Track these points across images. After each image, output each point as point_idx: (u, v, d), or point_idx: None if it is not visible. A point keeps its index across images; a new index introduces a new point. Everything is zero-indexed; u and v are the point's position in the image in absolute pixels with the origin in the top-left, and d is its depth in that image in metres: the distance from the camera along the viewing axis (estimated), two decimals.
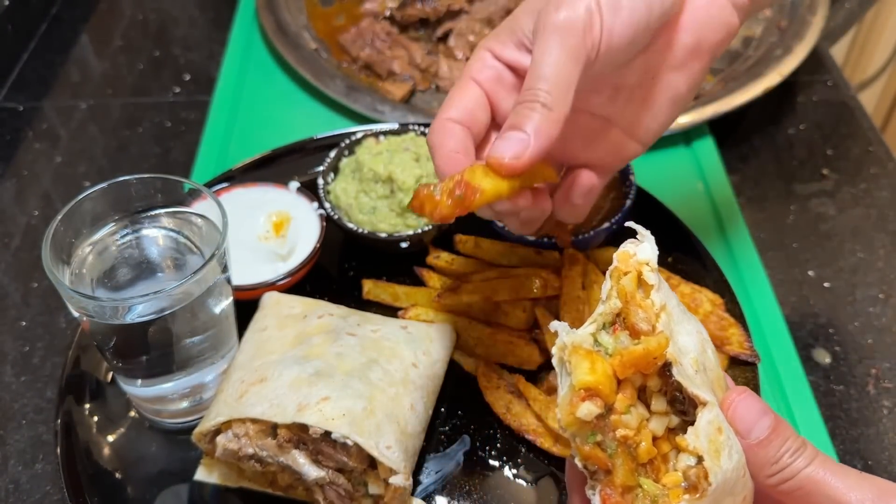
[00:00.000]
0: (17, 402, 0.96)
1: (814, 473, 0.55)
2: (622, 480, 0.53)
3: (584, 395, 0.52)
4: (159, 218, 0.85)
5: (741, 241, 1.10)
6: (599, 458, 0.53)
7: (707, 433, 0.52)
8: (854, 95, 1.36)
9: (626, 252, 0.58)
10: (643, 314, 0.54)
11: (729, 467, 0.52)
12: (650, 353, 0.52)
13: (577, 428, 0.53)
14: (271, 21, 1.45)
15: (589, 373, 0.52)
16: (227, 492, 0.83)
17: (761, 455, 0.56)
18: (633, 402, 0.53)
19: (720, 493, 0.53)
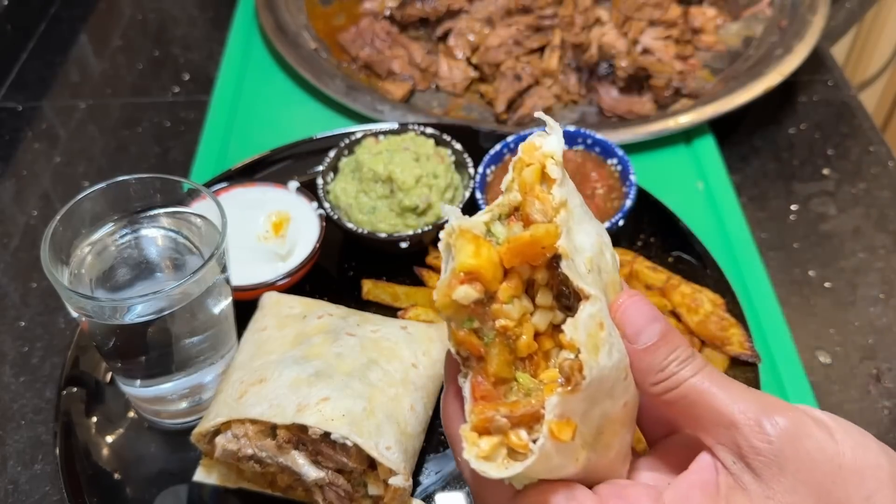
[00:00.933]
0: (17, 402, 0.95)
1: (699, 384, 0.53)
2: (495, 370, 0.51)
3: (464, 278, 0.50)
4: (158, 218, 0.84)
5: (742, 240, 1.10)
6: (473, 344, 0.51)
7: (587, 327, 0.50)
8: (855, 95, 1.35)
9: (531, 143, 0.54)
10: (539, 206, 0.52)
11: (607, 364, 0.50)
12: (538, 240, 0.50)
13: (453, 312, 0.51)
14: (271, 20, 1.45)
15: (472, 256, 0.50)
16: (227, 492, 0.83)
17: (647, 361, 0.54)
18: (517, 294, 0.51)
19: (598, 392, 0.51)
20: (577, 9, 1.42)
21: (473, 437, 0.50)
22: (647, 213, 1.05)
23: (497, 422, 0.49)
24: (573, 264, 0.51)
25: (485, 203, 1.01)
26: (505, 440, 0.50)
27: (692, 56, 1.39)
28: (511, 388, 0.51)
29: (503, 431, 0.50)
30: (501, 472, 0.49)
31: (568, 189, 0.54)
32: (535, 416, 0.50)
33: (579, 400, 0.50)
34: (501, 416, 0.49)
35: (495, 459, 0.50)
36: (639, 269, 0.95)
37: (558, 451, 0.50)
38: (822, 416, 0.53)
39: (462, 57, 1.40)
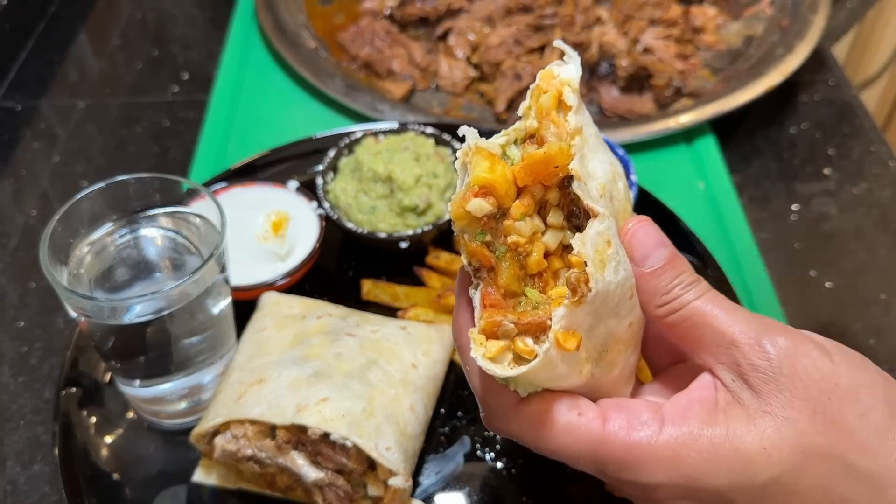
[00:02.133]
0: (15, 402, 0.95)
1: (702, 306, 0.55)
2: (505, 282, 0.53)
3: (478, 191, 0.52)
4: (157, 218, 0.84)
5: (743, 240, 1.09)
6: (484, 255, 0.53)
7: (595, 243, 0.51)
8: (856, 95, 1.35)
9: (549, 71, 0.56)
10: (555, 129, 0.54)
11: (613, 280, 0.52)
12: (551, 158, 0.52)
13: (467, 223, 0.53)
14: (270, 20, 1.44)
15: (487, 171, 0.52)
16: (226, 493, 0.83)
17: (653, 284, 0.56)
18: (529, 212, 0.53)
19: (603, 308, 0.53)
20: (578, 8, 1.42)
21: (482, 339, 0.52)
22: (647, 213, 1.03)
23: (504, 326, 0.52)
24: (585, 187, 0.52)
25: None
26: (511, 345, 0.52)
27: (693, 55, 1.39)
28: (520, 302, 0.53)
29: (510, 336, 0.52)
30: (506, 371, 0.51)
31: (584, 118, 0.55)
32: (541, 327, 0.52)
33: (585, 313, 0.52)
34: (509, 321, 0.52)
35: (501, 362, 0.52)
36: None
37: (563, 360, 0.52)
38: (822, 340, 0.55)
39: (462, 56, 1.40)
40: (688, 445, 0.52)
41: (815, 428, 0.51)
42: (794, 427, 0.51)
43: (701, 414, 0.53)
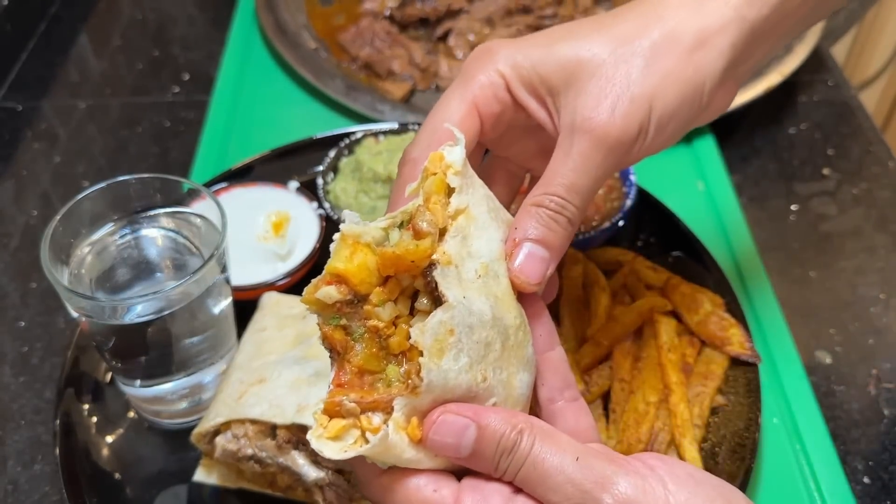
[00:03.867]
0: (16, 402, 0.95)
1: (531, 471, 0.53)
2: (360, 363, 0.54)
3: (330, 279, 0.55)
4: (158, 218, 0.84)
5: (742, 240, 1.10)
6: (334, 339, 0.55)
7: (435, 332, 0.52)
8: (855, 95, 1.35)
9: (439, 154, 0.58)
10: (429, 216, 0.55)
11: (452, 367, 0.52)
12: (403, 257, 0.53)
13: (319, 308, 0.55)
14: (270, 20, 1.45)
15: (343, 260, 0.54)
16: (227, 493, 0.83)
17: (481, 467, 0.54)
18: (390, 298, 0.54)
19: (451, 395, 0.53)
20: (578, 9, 1.42)
21: (323, 420, 0.54)
22: (647, 213, 1.05)
23: (345, 406, 0.53)
24: (455, 271, 0.54)
25: None
26: (357, 423, 0.53)
27: None
28: (379, 379, 0.54)
29: (354, 414, 0.53)
30: (338, 454, 0.52)
31: (472, 197, 0.57)
32: (388, 405, 0.53)
33: (427, 402, 0.53)
34: (350, 400, 0.53)
35: (344, 440, 0.53)
36: (639, 268, 0.95)
37: (409, 446, 0.53)
38: (655, 463, 0.53)
39: (462, 57, 1.40)
40: None
41: None
42: None
43: None
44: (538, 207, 0.60)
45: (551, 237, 0.60)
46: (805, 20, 0.69)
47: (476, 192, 0.58)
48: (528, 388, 0.59)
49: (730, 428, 0.83)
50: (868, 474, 0.87)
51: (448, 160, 0.57)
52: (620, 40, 0.62)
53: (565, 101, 0.62)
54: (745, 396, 0.85)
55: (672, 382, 0.84)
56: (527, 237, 0.59)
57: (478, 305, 0.54)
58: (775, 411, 0.92)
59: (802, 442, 0.89)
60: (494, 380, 0.56)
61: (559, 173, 0.61)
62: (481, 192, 0.59)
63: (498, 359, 0.56)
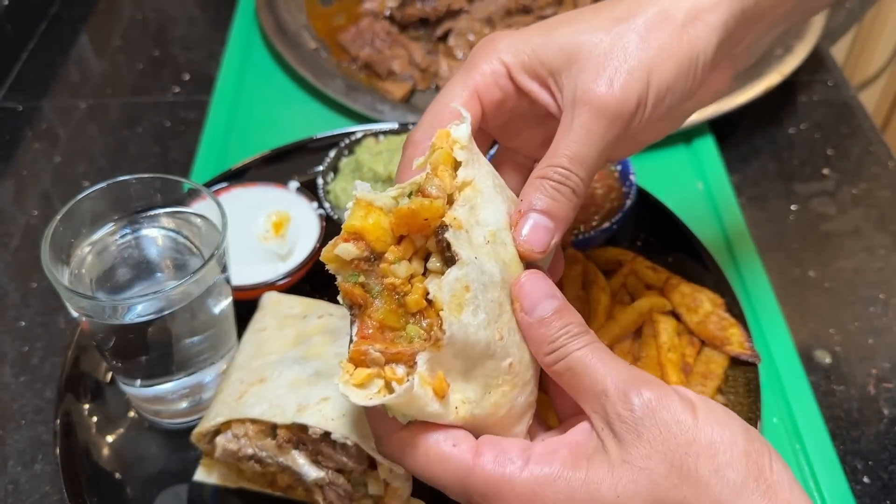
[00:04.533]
0: (17, 402, 0.95)
1: (583, 357, 0.57)
2: (381, 318, 0.56)
3: (348, 236, 0.57)
4: (159, 218, 0.84)
5: (741, 240, 1.10)
6: (355, 294, 0.57)
7: (452, 288, 0.54)
8: (854, 95, 1.35)
9: (445, 131, 0.61)
10: (438, 183, 0.57)
11: (472, 322, 0.55)
12: (417, 212, 0.56)
13: (338, 266, 0.58)
14: (271, 20, 1.45)
15: (359, 219, 0.57)
16: (227, 492, 0.83)
17: (541, 333, 0.58)
18: (404, 256, 0.57)
19: (470, 350, 0.55)
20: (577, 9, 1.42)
21: (349, 368, 0.55)
22: (647, 213, 1.05)
23: (371, 354, 0.55)
24: (466, 235, 0.56)
25: None
26: (381, 373, 0.55)
27: None
28: (400, 336, 0.56)
29: (379, 364, 0.55)
30: (363, 400, 0.54)
31: (478, 171, 0.60)
32: (413, 357, 0.54)
33: (450, 356, 0.54)
34: (375, 350, 0.55)
35: (369, 388, 0.55)
36: (639, 268, 0.95)
37: (433, 400, 0.54)
38: (692, 396, 0.56)
39: (462, 57, 1.40)
40: (546, 485, 0.54)
41: (669, 480, 0.52)
42: (649, 478, 0.53)
43: (566, 457, 0.55)
44: (542, 179, 0.62)
45: (555, 207, 0.62)
46: (799, 9, 0.71)
47: (482, 168, 0.61)
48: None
49: None
50: (868, 474, 0.87)
51: (454, 136, 0.60)
52: (616, 20, 0.65)
53: (567, 79, 0.64)
54: (744, 396, 0.85)
55: (672, 382, 0.84)
56: (532, 208, 0.62)
57: (488, 267, 0.56)
58: (775, 411, 0.92)
59: (802, 441, 0.89)
60: (509, 340, 0.58)
61: (562, 145, 0.63)
62: (486, 168, 0.62)
63: (511, 320, 0.58)
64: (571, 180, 0.62)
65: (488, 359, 0.57)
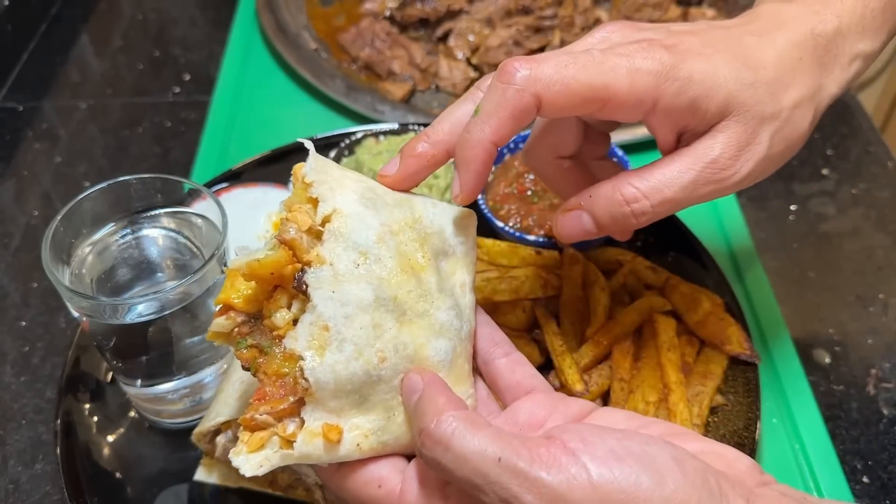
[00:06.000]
0: (17, 402, 0.95)
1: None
2: (274, 369, 0.56)
3: (219, 311, 0.58)
4: (159, 218, 0.84)
5: (741, 240, 1.10)
6: (246, 357, 0.57)
7: (309, 333, 0.54)
8: (854, 95, 1.36)
9: (299, 165, 0.61)
10: (291, 224, 0.57)
11: (339, 359, 0.55)
12: (261, 269, 0.56)
13: (223, 339, 0.59)
14: (271, 21, 1.45)
15: (225, 290, 0.58)
16: (227, 492, 0.83)
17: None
18: (281, 305, 0.57)
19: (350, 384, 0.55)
20: (577, 9, 1.43)
21: (245, 436, 0.56)
22: None
23: (258, 419, 0.55)
24: (329, 268, 0.56)
25: (485, 203, 1.02)
26: (275, 431, 0.55)
27: None
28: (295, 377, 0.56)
29: (270, 425, 0.55)
30: (254, 470, 0.55)
31: (342, 197, 0.59)
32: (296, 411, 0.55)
33: (328, 398, 0.55)
34: (261, 413, 0.55)
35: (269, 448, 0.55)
36: (638, 268, 0.95)
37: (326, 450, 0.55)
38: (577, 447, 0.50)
39: (462, 57, 1.40)
40: None
41: None
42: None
43: None
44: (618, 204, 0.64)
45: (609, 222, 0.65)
46: None
47: (344, 191, 0.60)
48: (448, 354, 0.60)
49: (729, 427, 0.83)
50: (867, 474, 0.87)
51: (301, 172, 0.60)
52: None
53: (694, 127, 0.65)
54: (744, 396, 0.85)
55: (671, 382, 0.84)
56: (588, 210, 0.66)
57: (354, 293, 0.56)
58: (774, 411, 0.92)
59: (801, 441, 0.89)
60: (396, 358, 0.57)
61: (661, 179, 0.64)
62: (352, 186, 0.60)
63: (397, 336, 0.57)
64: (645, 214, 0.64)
65: (377, 384, 0.56)
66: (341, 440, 0.55)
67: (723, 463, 0.53)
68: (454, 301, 0.62)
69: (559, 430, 0.52)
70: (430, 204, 0.65)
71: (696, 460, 0.51)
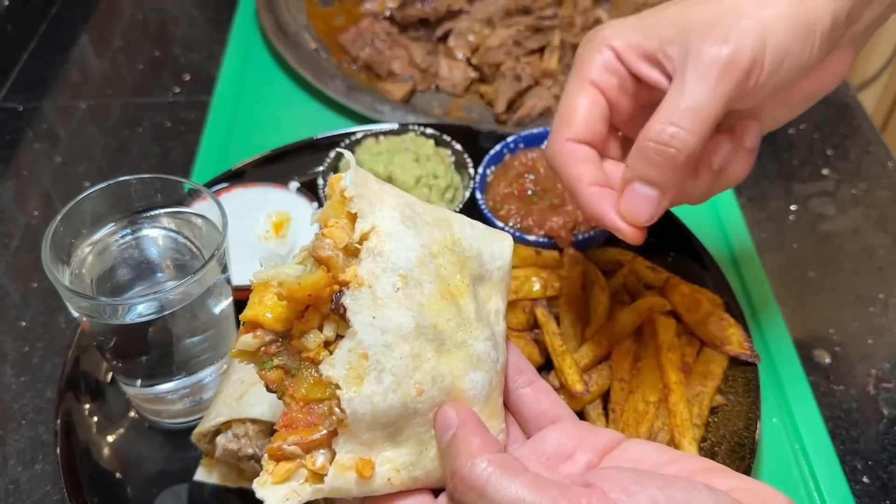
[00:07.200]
0: (17, 402, 0.95)
1: None
2: (305, 394, 0.54)
3: (246, 328, 0.55)
4: (159, 218, 0.84)
5: (741, 241, 1.10)
6: (271, 380, 0.55)
7: (347, 361, 0.52)
8: (854, 95, 1.35)
9: (337, 176, 0.57)
10: (327, 241, 0.54)
11: (377, 391, 0.52)
12: (297, 292, 0.53)
13: (248, 358, 0.56)
14: (271, 21, 1.45)
15: (253, 306, 0.55)
16: (227, 492, 0.83)
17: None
18: (312, 326, 0.54)
19: (386, 417, 0.53)
20: (577, 9, 1.43)
21: (270, 465, 0.53)
22: None
23: (286, 450, 0.53)
24: (369, 291, 0.53)
25: (485, 203, 1.02)
26: (303, 464, 0.53)
27: None
28: (330, 406, 0.54)
29: (297, 455, 0.53)
30: (280, 502, 0.52)
31: (381, 213, 0.55)
32: (328, 442, 0.53)
33: (362, 431, 0.52)
34: (290, 443, 0.53)
35: (294, 480, 0.53)
36: (638, 268, 0.95)
37: (357, 483, 0.53)
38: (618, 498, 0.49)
39: (462, 57, 1.40)
40: None
41: None
42: None
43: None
44: (646, 141, 0.61)
45: (657, 174, 0.60)
46: None
47: (384, 207, 0.56)
48: (484, 388, 0.57)
49: (729, 427, 0.83)
50: (867, 474, 0.87)
51: (341, 185, 0.56)
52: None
53: (679, 46, 0.62)
54: (744, 396, 0.85)
55: (671, 382, 0.84)
56: (633, 175, 0.60)
57: (395, 320, 0.53)
58: (774, 411, 0.92)
59: (802, 441, 0.89)
60: (434, 390, 0.54)
61: (673, 99, 0.61)
62: (392, 202, 0.57)
63: (435, 367, 0.55)
64: (678, 138, 0.60)
65: (412, 417, 0.54)
66: (372, 475, 0.53)
67: (757, 500, 0.50)
68: (490, 331, 0.59)
69: (598, 478, 0.50)
70: (468, 225, 0.62)
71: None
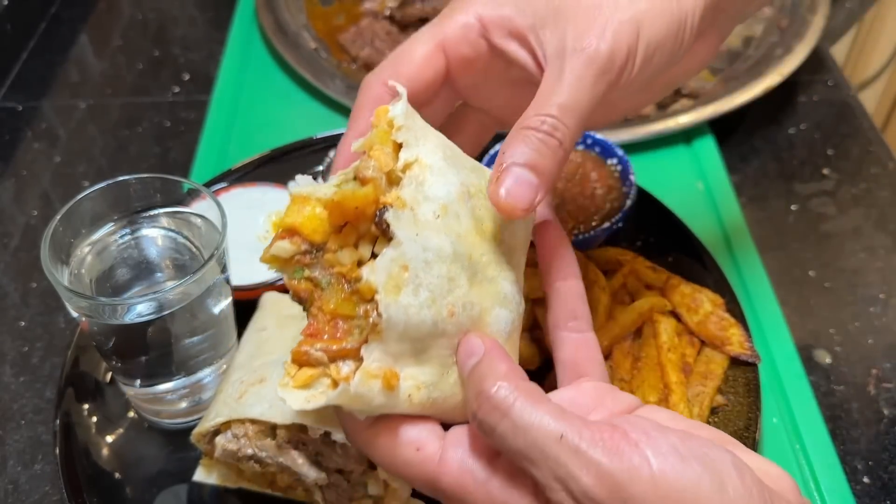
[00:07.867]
0: (16, 402, 0.95)
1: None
2: (334, 308, 0.54)
3: (282, 234, 0.56)
4: (158, 218, 0.84)
5: (741, 240, 1.10)
6: (301, 289, 0.55)
7: (388, 269, 0.52)
8: (854, 95, 1.35)
9: (384, 108, 0.58)
10: (373, 163, 0.55)
11: (413, 303, 0.52)
12: (344, 202, 0.54)
13: (280, 265, 0.57)
14: (271, 20, 1.45)
15: (293, 214, 0.56)
16: (227, 492, 0.83)
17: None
18: (348, 243, 0.55)
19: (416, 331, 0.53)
20: None
21: (292, 369, 0.54)
22: (647, 213, 1.05)
23: (312, 354, 0.53)
24: (411, 213, 0.54)
25: None
26: (326, 372, 0.53)
27: None
28: (356, 326, 0.54)
29: (322, 363, 0.53)
30: (301, 403, 0.53)
31: (425, 147, 0.57)
32: (357, 352, 0.53)
33: (392, 341, 0.52)
34: (317, 349, 0.53)
35: (314, 388, 0.53)
36: (639, 268, 0.95)
37: (380, 393, 0.52)
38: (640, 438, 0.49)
39: None
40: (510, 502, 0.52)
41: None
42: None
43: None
44: (528, 130, 0.59)
45: (541, 161, 0.58)
46: None
47: (428, 143, 0.58)
48: (508, 325, 0.58)
49: (729, 428, 0.83)
50: (868, 474, 0.87)
51: (390, 115, 0.57)
52: None
53: (553, 31, 0.61)
54: (744, 396, 0.85)
55: (672, 382, 0.84)
56: (515, 161, 0.58)
57: (435, 241, 0.54)
58: (775, 411, 0.92)
59: (802, 441, 0.89)
60: (463, 316, 0.55)
61: (551, 93, 0.59)
62: (435, 141, 0.58)
63: (467, 294, 0.56)
64: (560, 131, 0.59)
65: (439, 337, 0.54)
66: (396, 387, 0.53)
67: (767, 479, 0.50)
68: (515, 276, 0.61)
69: (621, 421, 0.50)
70: None
71: (752, 471, 0.49)
